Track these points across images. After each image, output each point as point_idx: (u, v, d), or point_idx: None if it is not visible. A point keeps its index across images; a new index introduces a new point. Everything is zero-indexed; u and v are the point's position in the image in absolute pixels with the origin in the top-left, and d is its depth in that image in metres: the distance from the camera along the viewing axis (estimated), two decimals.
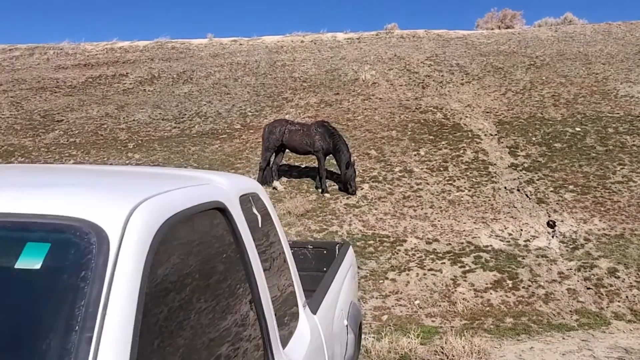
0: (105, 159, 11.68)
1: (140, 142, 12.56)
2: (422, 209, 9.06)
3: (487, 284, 7.12)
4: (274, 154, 9.97)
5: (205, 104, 14.70)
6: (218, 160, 11.31)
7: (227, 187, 1.83)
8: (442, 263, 7.55)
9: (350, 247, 4.19)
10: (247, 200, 1.99)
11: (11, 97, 16.01)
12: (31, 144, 12.71)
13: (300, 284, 2.39)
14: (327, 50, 19.42)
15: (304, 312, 2.30)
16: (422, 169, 10.48)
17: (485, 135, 11.96)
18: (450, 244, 8.06)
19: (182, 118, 13.85)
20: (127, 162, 11.48)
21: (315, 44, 20.41)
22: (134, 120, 13.93)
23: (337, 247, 4.24)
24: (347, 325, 3.10)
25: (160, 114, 14.20)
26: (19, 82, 17.34)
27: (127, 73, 17.89)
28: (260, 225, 2.03)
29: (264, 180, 9.89)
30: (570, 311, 6.54)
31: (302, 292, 2.38)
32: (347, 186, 9.42)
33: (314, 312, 2.50)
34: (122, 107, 14.90)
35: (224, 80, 16.69)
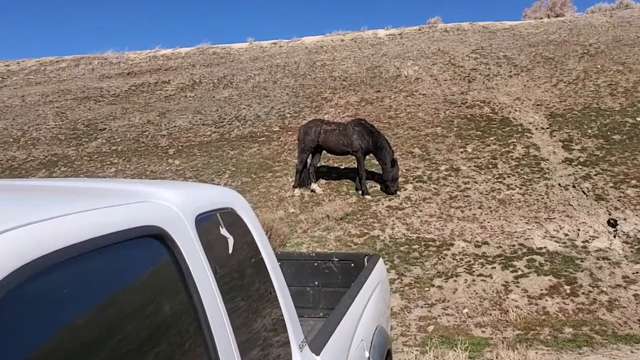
0: (146, 166, 11.87)
1: (180, 147, 12.72)
2: (470, 209, 8.77)
3: (542, 289, 6.64)
4: (310, 155, 9.87)
5: (244, 108, 14.82)
6: (256, 163, 11.31)
7: (178, 203, 1.45)
8: (492, 268, 7.19)
9: (380, 259, 3.78)
10: (211, 220, 1.62)
11: (57, 107, 16.56)
12: (74, 154, 13.06)
13: (297, 319, 1.99)
14: (368, 48, 19.24)
15: (299, 355, 1.91)
16: (469, 166, 10.15)
17: (536, 129, 11.46)
18: (501, 246, 7.70)
19: (222, 122, 13.98)
20: (167, 168, 11.63)
21: (355, 42, 20.29)
22: (174, 126, 14.14)
23: (365, 259, 3.89)
24: (369, 359, 2.63)
25: (200, 119, 14.37)
26: (65, 93, 17.96)
27: (169, 80, 18.25)
28: (231, 251, 1.66)
29: (301, 183, 9.78)
30: (639, 320, 5.93)
31: (299, 328, 1.98)
32: (387, 185, 9.28)
33: (317, 351, 2.08)
34: (163, 113, 15.16)
35: (263, 83, 16.80)
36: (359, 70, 16.66)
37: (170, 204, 1.43)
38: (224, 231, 1.66)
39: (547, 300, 6.44)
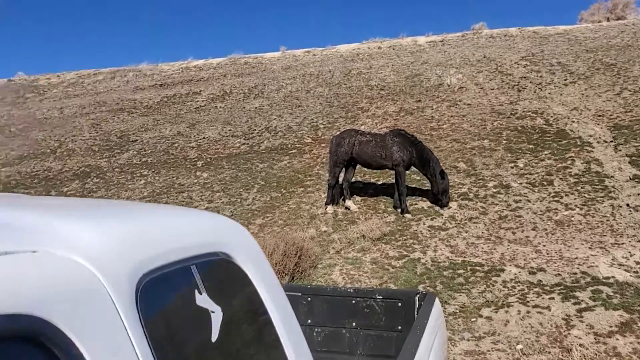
0: (174, 178, 12.03)
1: (209, 160, 12.86)
2: (522, 231, 8.41)
3: (611, 326, 6.05)
4: (343, 169, 9.69)
5: (275, 118, 14.93)
6: (286, 177, 11.26)
7: (100, 254, 0.87)
8: (550, 298, 6.72)
9: (437, 299, 3.26)
10: (178, 282, 1.04)
11: (92, 119, 17.19)
12: (106, 165, 13.43)
13: None
14: (407, 56, 19.21)
15: None
16: (521, 183, 9.84)
17: (597, 142, 11.01)
18: (559, 274, 7.23)
19: (252, 134, 14.11)
20: (195, 181, 11.72)
21: (394, 49, 20.32)
22: (204, 137, 14.35)
23: (416, 299, 3.39)
24: None
25: (229, 130, 14.57)
26: (100, 105, 18.63)
27: (200, 91, 18.63)
28: (216, 337, 1.07)
29: (334, 200, 9.64)
30: None
31: None
32: (437, 199, 9.20)
33: None
34: (193, 125, 15.43)
35: (295, 93, 16.94)
36: (398, 79, 16.65)
37: (81, 257, 0.83)
38: (203, 300, 1.10)
39: (617, 339, 5.83)
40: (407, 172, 9.67)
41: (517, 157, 10.78)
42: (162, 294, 0.97)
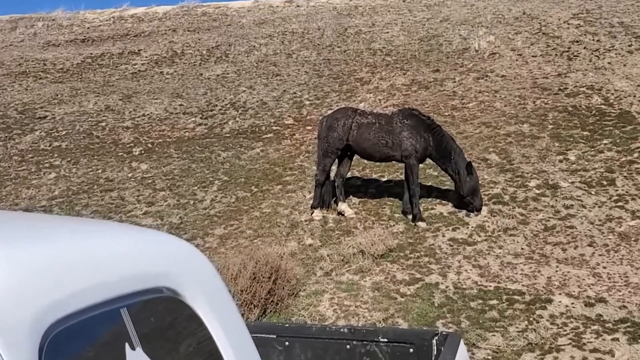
0: (100, 171, 11.87)
1: (150, 146, 12.73)
2: (575, 247, 8.48)
3: None
4: (337, 161, 9.69)
5: (244, 91, 14.85)
6: (259, 170, 11.23)
7: None
8: (613, 340, 6.79)
9: (462, 342, 3.33)
10: (102, 330, 1.08)
11: None
12: (1, 151, 13.12)
13: None
14: (422, 10, 19.28)
15: None
16: (572, 182, 9.94)
17: None
18: (625, 306, 7.30)
19: (212, 111, 14.01)
20: (129, 175, 11.58)
21: (404, 1, 20.37)
22: (143, 115, 14.20)
23: (434, 341, 3.43)
24: None
25: (180, 105, 14.42)
26: None
27: (139, 50, 18.39)
28: None
29: (323, 202, 9.65)
30: None
31: None
32: (466, 202, 9.33)
33: None
34: (129, 97, 15.24)
35: (272, 57, 16.83)
36: (409, 41, 16.65)
37: None
38: (137, 356, 1.10)
39: None
40: (422, 165, 9.66)
41: (568, 147, 10.85)
42: (77, 351, 1.00)
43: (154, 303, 1.24)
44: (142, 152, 12.43)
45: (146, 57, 17.81)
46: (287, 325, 3.90)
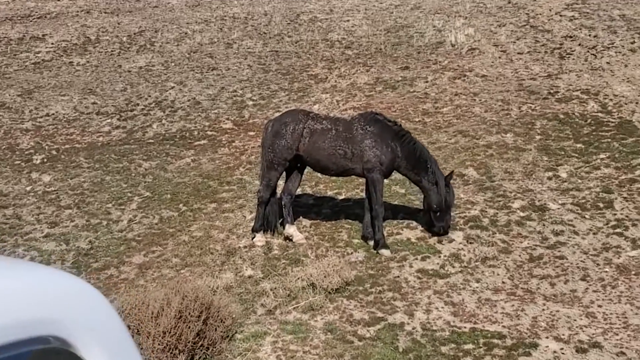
0: None
1: (54, 153, 12.65)
2: (566, 281, 8.54)
3: None
4: (285, 174, 9.73)
5: (173, 87, 14.87)
6: (189, 185, 11.22)
7: None
8: None
9: None
10: None
11: None
12: None
13: None
14: None
15: None
16: (563, 204, 10.08)
17: None
18: (623, 352, 7.36)
19: (132, 111, 13.98)
20: (28, 188, 11.45)
21: None
22: (47, 115, 14.12)
23: None
24: None
25: (94, 104, 14.32)
26: None
27: (43, 35, 18.27)
28: None
29: (266, 225, 9.69)
30: None
31: None
32: (438, 217, 9.40)
33: None
34: (29, 92, 15.12)
35: (208, 47, 16.86)
36: (374, 32, 16.78)
37: None
38: None
39: None
40: (387, 181, 9.71)
41: (558, 162, 11.00)
42: None
43: (38, 356, 1.24)
44: (45, 160, 12.33)
45: (52, 43, 17.69)
46: None
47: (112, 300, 8.07)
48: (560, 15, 16.68)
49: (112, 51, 17.06)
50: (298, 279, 8.54)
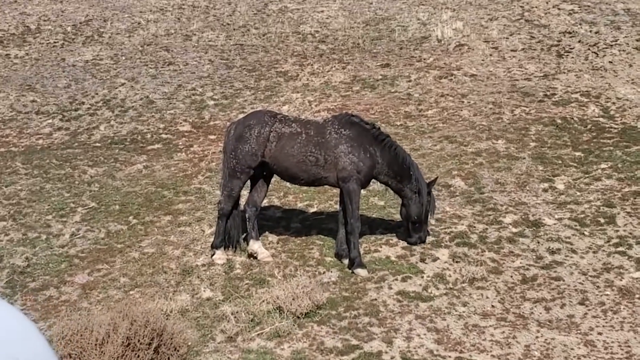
0: None
1: None
2: (562, 306, 8.60)
3: None
4: (249, 183, 9.71)
5: (123, 84, 14.88)
6: (141, 195, 11.20)
7: None
8: None
9: None
10: None
11: None
12: None
13: None
14: None
15: None
16: (560, 219, 10.14)
17: None
18: None
19: (77, 110, 13.99)
20: None
21: None
22: None
23: None
24: None
25: (33, 102, 14.34)
26: None
27: None
28: None
29: (228, 240, 9.70)
30: None
31: None
32: (416, 227, 9.52)
33: None
34: None
35: (164, 39, 16.90)
36: (351, 25, 16.86)
37: None
38: None
39: None
40: (364, 192, 9.77)
41: (555, 172, 11.09)
42: None
43: None
44: None
45: None
46: None
47: (50, 325, 8.03)
48: (559, 9, 16.80)
49: (54, 42, 17.01)
50: (263, 301, 8.54)
